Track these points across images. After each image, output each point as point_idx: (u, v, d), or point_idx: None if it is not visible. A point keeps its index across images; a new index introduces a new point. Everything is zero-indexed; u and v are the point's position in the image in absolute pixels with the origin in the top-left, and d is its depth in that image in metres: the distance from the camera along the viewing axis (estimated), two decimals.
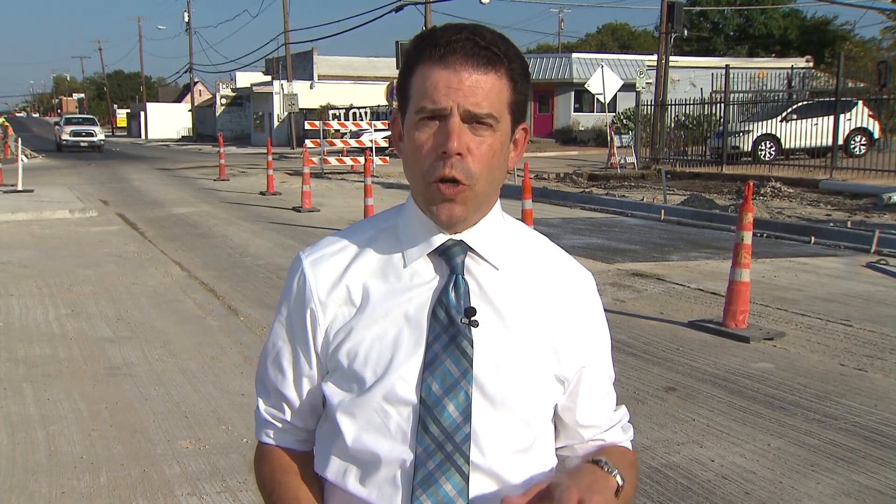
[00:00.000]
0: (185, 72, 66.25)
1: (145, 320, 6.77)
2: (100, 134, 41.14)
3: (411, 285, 1.27)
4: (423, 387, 1.22)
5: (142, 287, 8.07)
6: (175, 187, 19.80)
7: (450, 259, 1.27)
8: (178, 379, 5.23)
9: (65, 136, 40.44)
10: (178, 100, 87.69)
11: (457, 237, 1.27)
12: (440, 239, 1.27)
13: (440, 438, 1.22)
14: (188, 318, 6.85)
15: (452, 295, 1.25)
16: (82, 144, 40.24)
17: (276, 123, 46.81)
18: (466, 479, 1.23)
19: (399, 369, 1.23)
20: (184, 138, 64.11)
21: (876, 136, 21.46)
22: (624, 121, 32.14)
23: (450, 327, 1.24)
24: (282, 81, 44.66)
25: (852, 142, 21.36)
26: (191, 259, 9.61)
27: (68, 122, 42.72)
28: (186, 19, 63.65)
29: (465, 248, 1.28)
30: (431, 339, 1.24)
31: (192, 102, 67.76)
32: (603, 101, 24.59)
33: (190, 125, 66.10)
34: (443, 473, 1.22)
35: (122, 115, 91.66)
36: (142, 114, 74.68)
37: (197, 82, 74.41)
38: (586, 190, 18.22)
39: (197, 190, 18.99)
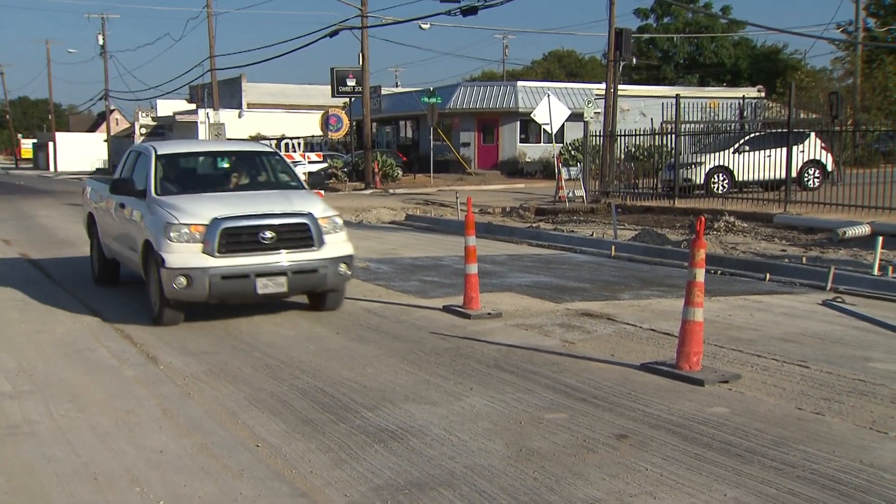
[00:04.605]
0: (101, 99, 65.38)
1: (51, 372, 6.57)
2: None
3: None
4: None
5: (48, 335, 7.84)
6: None
7: None
8: (88, 436, 5.07)
9: None
10: (93, 129, 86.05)
11: None
12: None
13: None
14: (101, 369, 6.67)
15: None
16: None
17: None
18: None
19: None
20: (98, 170, 62.85)
21: (829, 168, 22.24)
22: (572, 152, 32.69)
23: None
24: (207, 110, 44.34)
25: (806, 174, 22.11)
26: (105, 303, 9.37)
27: None
28: (101, 42, 62.96)
29: None
30: None
31: (108, 132, 66.74)
32: (550, 132, 25.03)
33: (106, 156, 64.98)
34: None
35: (27, 145, 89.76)
36: (50, 144, 73.04)
37: (113, 110, 73.35)
38: (533, 225, 18.43)
39: None
